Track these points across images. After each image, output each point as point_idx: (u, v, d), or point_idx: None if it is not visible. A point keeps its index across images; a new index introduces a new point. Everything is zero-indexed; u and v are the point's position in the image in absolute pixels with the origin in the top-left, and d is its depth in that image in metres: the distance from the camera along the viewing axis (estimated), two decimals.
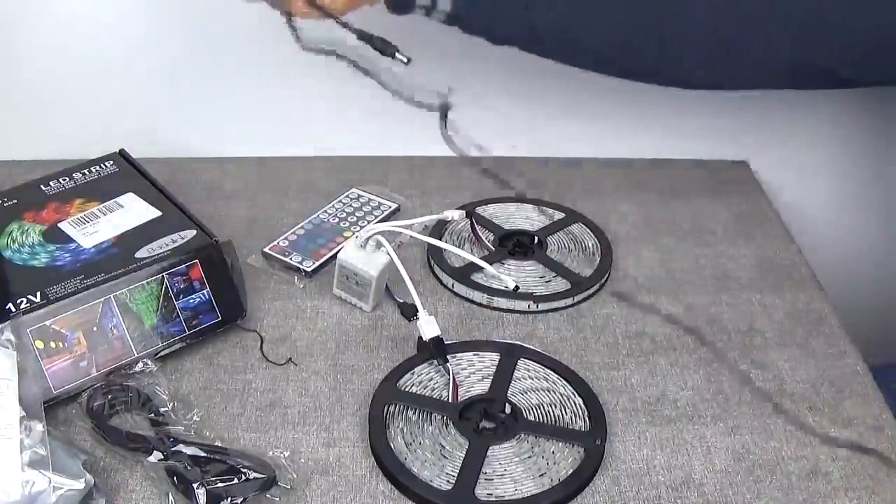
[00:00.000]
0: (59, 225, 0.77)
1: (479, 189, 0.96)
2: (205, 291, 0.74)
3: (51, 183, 0.82)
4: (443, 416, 0.68)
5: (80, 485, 0.59)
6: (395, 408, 0.69)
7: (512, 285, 0.75)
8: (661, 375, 0.74)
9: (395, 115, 1.01)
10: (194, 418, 0.68)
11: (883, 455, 0.67)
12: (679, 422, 0.70)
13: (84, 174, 0.83)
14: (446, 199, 0.94)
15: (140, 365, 0.70)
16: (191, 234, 0.75)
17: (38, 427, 0.61)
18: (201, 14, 0.94)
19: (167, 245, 0.73)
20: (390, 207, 0.92)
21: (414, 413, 0.69)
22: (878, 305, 1.11)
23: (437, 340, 0.72)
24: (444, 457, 0.65)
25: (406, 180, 0.98)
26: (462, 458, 0.65)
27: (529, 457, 0.65)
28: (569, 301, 0.80)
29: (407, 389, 0.71)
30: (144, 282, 0.71)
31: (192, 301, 0.73)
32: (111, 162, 0.85)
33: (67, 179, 0.83)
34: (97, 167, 0.84)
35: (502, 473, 0.64)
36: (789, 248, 0.89)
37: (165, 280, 0.71)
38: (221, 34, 0.95)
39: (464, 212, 0.83)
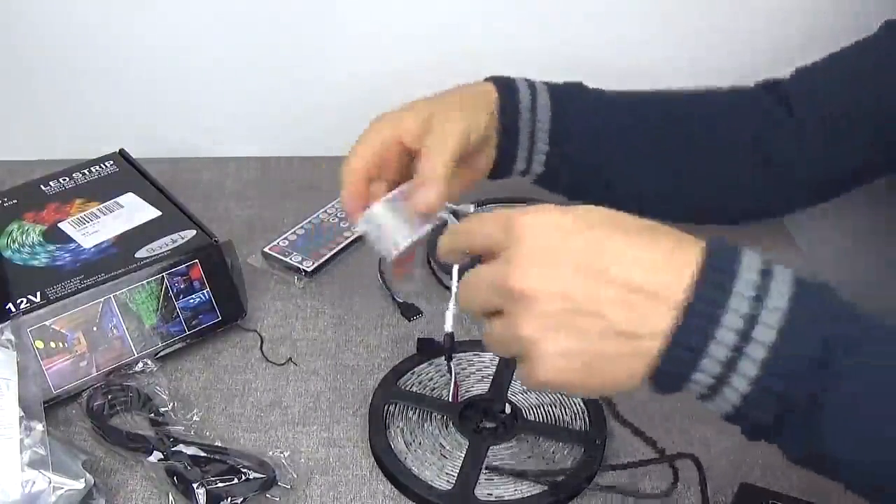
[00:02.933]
0: (59, 225, 0.77)
1: (479, 189, 0.96)
2: (205, 291, 0.74)
3: (51, 183, 0.82)
4: (443, 416, 0.68)
5: (80, 485, 0.59)
6: (395, 408, 0.69)
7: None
8: None
9: None
10: (194, 418, 0.68)
11: None
12: (679, 422, 0.69)
13: (84, 174, 0.83)
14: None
15: (140, 365, 0.70)
16: (191, 233, 0.75)
17: (38, 427, 0.61)
18: (201, 13, 0.94)
19: (167, 245, 0.73)
20: None
21: (414, 413, 0.69)
22: (877, 306, 1.11)
23: (451, 337, 0.71)
24: (444, 457, 0.65)
25: None
26: (462, 458, 0.65)
27: (529, 457, 0.65)
28: None
29: (407, 389, 0.71)
30: (144, 282, 0.71)
31: (192, 301, 0.73)
32: (111, 162, 0.85)
33: (67, 179, 0.83)
34: (97, 167, 0.84)
35: (502, 473, 0.64)
36: (789, 249, 0.89)
37: (165, 280, 0.71)
38: (222, 33, 0.95)
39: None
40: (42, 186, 0.82)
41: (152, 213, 0.78)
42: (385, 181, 0.66)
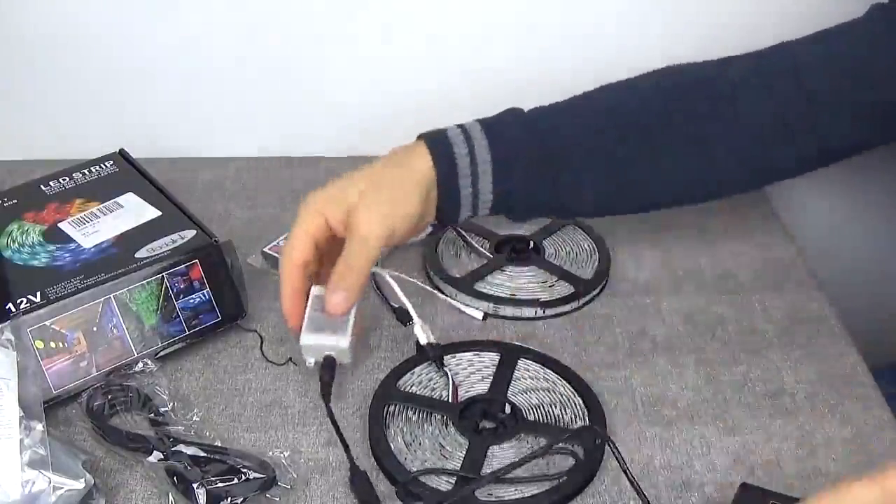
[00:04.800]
0: (59, 225, 0.77)
1: None
2: (205, 291, 0.74)
3: (51, 183, 0.82)
4: (443, 416, 0.68)
5: (79, 485, 0.59)
6: (395, 408, 0.69)
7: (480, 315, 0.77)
8: (661, 375, 0.74)
9: (396, 114, 1.01)
10: (194, 418, 0.68)
11: (883, 455, 0.67)
12: (679, 422, 0.70)
13: (84, 174, 0.83)
14: None
15: (140, 365, 0.70)
16: (191, 233, 0.75)
17: (38, 427, 0.61)
18: (201, 13, 0.94)
19: (167, 245, 0.73)
20: None
21: (414, 413, 0.69)
22: (877, 306, 1.11)
23: (431, 345, 0.72)
24: (444, 457, 0.65)
25: None
26: (462, 458, 0.65)
27: None
28: (574, 304, 0.80)
29: (407, 389, 0.71)
30: (144, 282, 0.71)
31: (192, 301, 0.73)
32: (111, 162, 0.85)
33: (67, 179, 0.83)
34: (97, 167, 0.84)
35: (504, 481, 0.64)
36: (789, 248, 0.89)
37: (165, 280, 0.71)
38: (222, 34, 0.95)
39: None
40: (42, 186, 0.82)
41: (152, 213, 0.78)
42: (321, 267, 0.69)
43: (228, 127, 1.01)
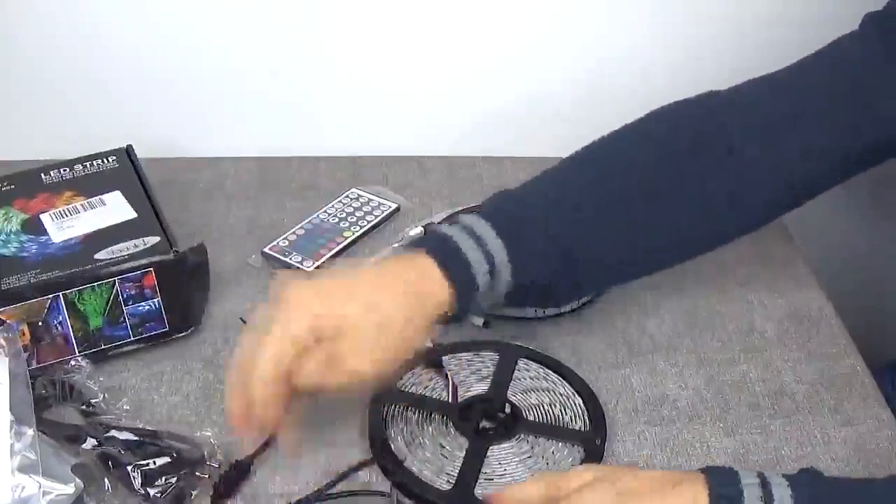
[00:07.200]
0: (41, 216, 0.76)
1: (479, 189, 0.96)
2: (156, 300, 0.72)
3: (51, 172, 0.82)
4: (443, 416, 0.68)
5: (69, 489, 0.59)
6: (395, 408, 0.69)
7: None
8: (661, 375, 0.74)
9: (396, 114, 1.01)
10: (125, 407, 0.68)
11: (883, 455, 0.66)
12: (679, 422, 0.69)
13: (85, 166, 0.83)
14: (446, 200, 0.94)
15: (73, 362, 0.70)
16: (154, 240, 0.73)
17: (29, 432, 0.60)
18: (202, 14, 0.93)
19: (127, 249, 0.72)
20: (390, 207, 0.91)
21: (414, 413, 0.69)
22: (877, 306, 1.11)
23: (430, 346, 0.72)
24: (444, 457, 0.65)
25: (406, 180, 0.97)
26: (462, 458, 0.64)
27: (529, 457, 0.65)
28: (574, 305, 0.80)
29: (407, 389, 0.71)
30: (95, 284, 0.70)
31: (141, 308, 0.72)
32: (114, 157, 0.84)
33: (67, 170, 0.82)
34: (99, 161, 0.84)
35: (502, 473, 0.64)
36: (789, 248, 0.88)
37: (117, 284, 0.71)
38: (222, 34, 0.95)
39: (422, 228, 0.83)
40: (42, 175, 0.82)
41: (129, 214, 0.77)
42: None
43: (228, 127, 1.01)
